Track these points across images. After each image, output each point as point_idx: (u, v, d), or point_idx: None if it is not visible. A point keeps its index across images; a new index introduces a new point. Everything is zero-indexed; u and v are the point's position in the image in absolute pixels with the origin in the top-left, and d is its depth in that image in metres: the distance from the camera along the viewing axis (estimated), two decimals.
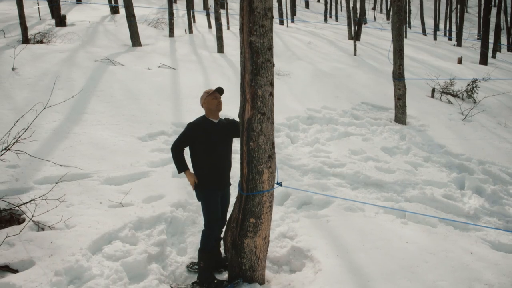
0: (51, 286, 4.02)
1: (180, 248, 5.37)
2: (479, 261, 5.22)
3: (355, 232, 5.56)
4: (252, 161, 4.25)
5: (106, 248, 4.78)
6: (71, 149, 7.11)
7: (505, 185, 7.62)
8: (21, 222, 5.13)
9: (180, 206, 5.90)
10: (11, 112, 8.11)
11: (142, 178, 6.58)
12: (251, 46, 4.00)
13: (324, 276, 4.53)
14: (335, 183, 7.18)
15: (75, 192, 5.81)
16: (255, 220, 4.39)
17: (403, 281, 4.58)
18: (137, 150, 7.42)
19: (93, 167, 6.60)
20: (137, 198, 5.88)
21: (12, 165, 6.37)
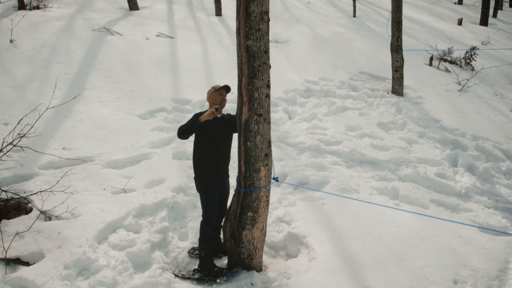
0: (62, 280, 4.22)
1: (181, 233, 5.58)
2: (467, 245, 5.46)
3: (349, 216, 5.77)
4: (250, 160, 4.38)
5: (111, 238, 4.98)
6: (72, 130, 7.21)
7: (497, 162, 7.79)
8: (29, 211, 5.30)
9: (181, 191, 6.07)
10: (12, 89, 8.15)
11: (143, 160, 6.72)
12: (247, 50, 4.04)
13: (318, 265, 4.76)
14: (331, 162, 7.33)
15: (79, 178, 5.96)
16: (252, 214, 4.57)
17: (393, 268, 4.82)
18: (138, 129, 7.52)
19: (95, 149, 6.72)
20: (139, 183, 6.05)
21: (16, 149, 6.46)
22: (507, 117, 9.52)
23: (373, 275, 4.68)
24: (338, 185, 6.61)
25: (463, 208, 6.49)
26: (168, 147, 7.12)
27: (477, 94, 10.47)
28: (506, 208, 6.71)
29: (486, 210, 6.63)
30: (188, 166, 6.66)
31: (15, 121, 7.15)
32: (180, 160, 6.85)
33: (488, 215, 6.34)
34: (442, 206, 6.50)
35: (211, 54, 10.87)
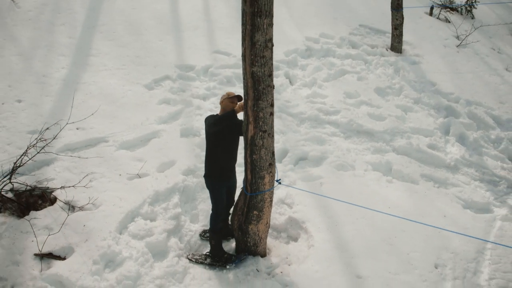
0: (92, 275, 4.80)
1: (192, 215, 6.10)
2: (451, 226, 6.02)
3: (344, 199, 6.23)
4: (255, 169, 4.77)
5: (131, 227, 5.50)
6: (83, 105, 7.47)
7: (487, 130, 8.16)
8: (53, 201, 5.75)
9: (190, 173, 6.50)
10: (19, 58, 8.30)
11: (153, 139, 7.08)
12: (253, 76, 4.28)
13: (316, 253, 5.33)
14: (330, 133, 7.70)
15: (95, 163, 6.36)
16: (258, 212, 5.05)
17: (382, 255, 5.39)
18: (145, 102, 7.79)
19: (107, 129, 7.05)
20: (152, 167, 6.46)
21: (33, 131, 6.80)
22: (502, 77, 9.71)
23: (364, 263, 5.27)
24: (336, 160, 7.03)
25: (451, 183, 6.95)
26: (175, 123, 7.44)
27: (474, 50, 10.56)
28: (491, 181, 7.20)
29: (473, 183, 7.11)
30: (196, 145, 7.03)
31: (27, 97, 7.45)
32: (187, 137, 7.21)
33: (473, 191, 6.83)
34: (432, 181, 6.97)
35: (212, 8, 10.76)
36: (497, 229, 6.18)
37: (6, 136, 6.63)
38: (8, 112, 7.07)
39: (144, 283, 4.90)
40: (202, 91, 8.30)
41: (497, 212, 6.56)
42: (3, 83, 7.66)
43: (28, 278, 4.73)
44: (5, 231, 5.29)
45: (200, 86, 8.47)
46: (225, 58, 9.25)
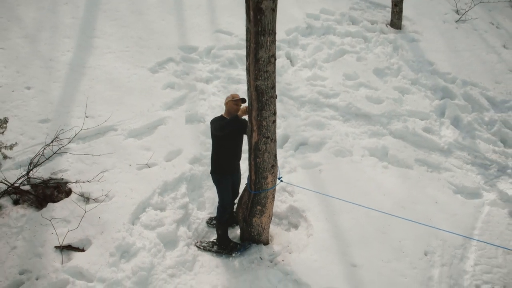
0: (110, 267, 5.20)
1: (199, 203, 6.45)
2: (441, 213, 6.38)
3: (342, 186, 6.58)
4: (259, 171, 5.07)
5: (143, 217, 5.86)
6: (91, 91, 7.67)
7: (482, 112, 8.39)
8: (68, 192, 6.08)
9: (196, 161, 6.80)
10: (25, 41, 8.43)
11: (159, 126, 7.33)
12: (257, 89, 4.50)
13: (315, 242, 5.72)
14: (329, 116, 7.94)
15: (106, 152, 6.63)
16: (261, 207, 5.39)
17: (375, 243, 5.78)
18: (150, 87, 7.98)
19: (115, 116, 7.28)
20: (159, 156, 6.75)
21: (44, 119, 7.04)
22: (499, 55, 9.82)
23: (359, 251, 5.66)
24: (334, 146, 7.32)
25: (444, 167, 7.26)
26: (180, 108, 7.66)
27: (473, 26, 10.59)
28: (483, 164, 7.51)
29: (465, 167, 7.42)
30: (200, 132, 7.29)
31: (36, 84, 7.64)
32: (192, 124, 7.46)
33: (464, 176, 7.15)
34: (425, 166, 7.28)
35: None
36: (485, 215, 6.53)
37: (19, 126, 6.86)
38: (19, 100, 7.26)
39: (158, 273, 5.29)
40: (205, 74, 8.46)
41: (486, 197, 6.90)
42: (11, 68, 7.81)
43: (51, 270, 5.11)
44: (26, 223, 5.62)
45: (203, 68, 8.61)
46: (227, 38, 9.33)
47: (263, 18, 4.03)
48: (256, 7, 3.97)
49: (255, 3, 3.95)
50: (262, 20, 4.05)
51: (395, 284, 5.34)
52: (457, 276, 5.59)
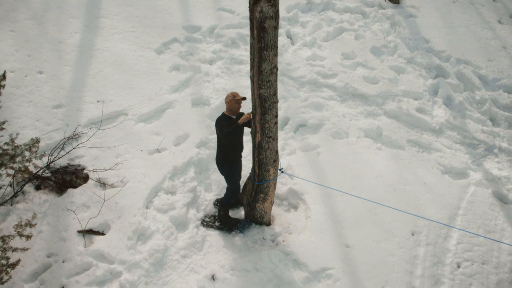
0: (128, 250, 5.73)
1: (206, 185, 6.92)
2: (429, 193, 6.86)
3: (338, 169, 7.03)
4: (262, 165, 5.50)
5: (155, 201, 6.34)
6: (100, 75, 7.95)
7: (473, 91, 8.69)
8: (86, 178, 6.53)
9: (203, 145, 7.21)
10: (33, 23, 8.59)
11: (167, 110, 7.67)
12: (260, 96, 4.84)
13: (312, 225, 6.23)
14: (327, 97, 8.26)
15: (118, 138, 7.04)
16: (264, 195, 5.86)
17: (367, 225, 6.29)
18: (157, 70, 8.25)
19: (125, 101, 7.60)
20: (168, 141, 7.13)
21: (58, 105, 7.37)
22: (493, 31, 9.97)
23: (352, 233, 6.18)
24: (332, 128, 7.69)
25: (434, 148, 7.67)
26: (186, 91, 7.96)
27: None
28: (471, 144, 7.92)
29: (454, 146, 7.82)
30: (206, 116, 7.64)
31: (47, 68, 7.92)
32: (198, 107, 7.79)
33: (453, 156, 7.56)
34: (417, 146, 7.68)
35: None
36: (470, 195, 7.01)
37: (34, 112, 7.19)
38: (32, 86, 7.55)
39: (171, 254, 5.83)
40: (209, 55, 8.68)
41: (472, 177, 7.35)
42: (22, 52, 8.03)
43: (75, 253, 5.64)
44: (49, 208, 6.10)
45: (206, 49, 8.82)
46: (230, 17, 9.46)
47: (265, 36, 4.30)
48: (259, 26, 4.23)
49: (258, 22, 4.21)
50: (265, 37, 4.32)
51: (384, 263, 5.88)
52: (441, 254, 6.13)
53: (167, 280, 5.57)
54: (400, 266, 5.88)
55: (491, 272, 6.05)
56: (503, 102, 8.59)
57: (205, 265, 5.82)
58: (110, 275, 5.49)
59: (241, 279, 5.56)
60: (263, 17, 4.15)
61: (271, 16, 4.16)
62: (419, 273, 5.87)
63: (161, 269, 5.66)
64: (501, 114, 8.39)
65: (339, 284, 5.59)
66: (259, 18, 4.15)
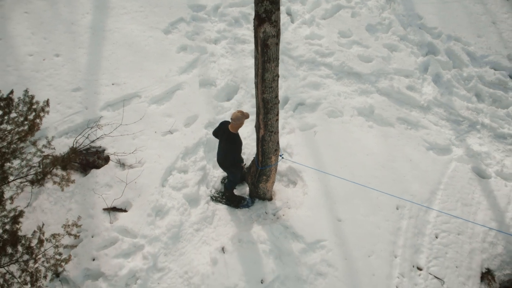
0: (148, 225, 6.44)
1: (214, 162, 7.53)
2: (414, 170, 7.48)
3: (332, 148, 7.60)
4: (265, 154, 6.09)
5: (170, 180, 6.99)
6: (113, 57, 8.37)
7: (461, 68, 9.10)
8: (107, 159, 7.12)
9: (210, 125, 7.74)
10: (45, 4, 8.89)
11: (177, 91, 8.15)
12: (263, 100, 5.35)
13: (309, 201, 6.90)
14: (324, 75, 8.71)
15: (134, 120, 7.55)
16: (266, 177, 6.49)
17: (357, 200, 6.96)
18: (166, 50, 8.64)
19: (138, 83, 8.06)
20: (179, 122, 7.66)
21: (76, 88, 7.85)
22: (485, 6, 10.19)
23: (343, 207, 6.86)
24: (328, 107, 8.20)
25: (421, 125, 8.21)
26: (194, 72, 8.40)
27: None
28: (456, 120, 8.45)
29: (440, 122, 8.35)
30: (213, 97, 8.12)
31: (63, 51, 8.34)
32: (205, 87, 8.25)
33: (438, 133, 8.10)
34: (406, 123, 8.21)
35: None
36: (451, 170, 7.63)
37: (55, 95, 7.68)
38: (51, 69, 7.99)
39: (186, 228, 6.54)
40: (214, 35, 9.01)
41: (455, 153, 7.93)
42: (38, 35, 8.40)
43: (102, 229, 6.35)
44: (75, 188, 6.75)
45: (211, 28, 9.13)
46: None
47: (268, 51, 4.75)
48: (263, 44, 4.67)
49: (262, 40, 4.65)
50: (268, 52, 4.77)
51: (371, 235, 6.61)
52: (421, 226, 6.86)
53: (183, 251, 6.31)
54: (385, 237, 6.60)
55: (465, 242, 6.79)
56: (488, 79, 9.01)
57: (215, 237, 6.53)
58: (134, 248, 6.21)
59: (247, 251, 6.29)
60: (266, 36, 4.57)
61: (273, 35, 4.58)
62: (401, 243, 6.60)
63: (178, 241, 6.38)
64: (486, 91, 8.84)
65: (331, 254, 6.32)
66: (263, 37, 4.58)
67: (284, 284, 6.06)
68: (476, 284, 6.46)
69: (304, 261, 6.25)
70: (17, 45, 8.22)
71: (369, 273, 6.24)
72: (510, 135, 8.32)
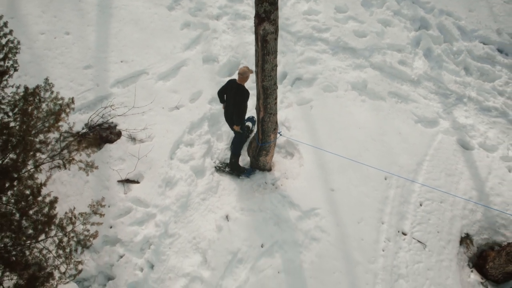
0: (159, 195, 6.90)
1: (218, 135, 7.89)
2: (402, 143, 7.86)
3: (327, 122, 7.94)
4: (264, 133, 6.46)
5: (178, 153, 7.39)
6: (121, 35, 8.59)
7: (451, 42, 9.28)
8: (119, 134, 7.48)
9: (214, 101, 8.05)
10: None
11: (182, 67, 8.40)
12: (263, 87, 5.67)
13: (305, 172, 7.33)
14: (320, 50, 8.93)
15: (142, 97, 7.87)
16: (266, 152, 6.90)
17: (349, 172, 7.38)
18: (170, 27, 8.83)
19: (145, 60, 8.31)
20: (185, 98, 7.97)
21: (87, 66, 8.11)
22: None
23: (336, 178, 7.29)
24: (324, 82, 8.48)
25: (411, 99, 8.51)
26: (197, 49, 8.63)
27: None
28: (444, 94, 8.74)
29: (429, 96, 8.63)
30: (216, 73, 8.39)
31: (73, 29, 8.53)
32: (208, 63, 8.49)
33: (426, 106, 8.41)
34: (396, 97, 8.50)
35: None
36: (437, 142, 7.99)
37: (67, 73, 7.95)
38: (62, 47, 8.21)
39: (193, 198, 7.00)
40: (216, 11, 9.15)
41: (442, 125, 8.26)
42: (48, 13, 8.56)
43: (118, 199, 6.81)
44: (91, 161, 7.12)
45: (213, 4, 9.25)
46: None
47: (267, 46, 5.02)
48: (262, 39, 4.93)
49: (262, 37, 4.90)
50: (267, 47, 5.03)
51: (361, 203, 7.08)
52: (407, 195, 7.31)
53: (191, 219, 6.79)
54: (373, 206, 7.07)
55: (447, 209, 7.25)
56: (477, 53, 9.20)
57: (220, 206, 7.00)
58: (147, 216, 6.69)
59: (249, 218, 6.78)
60: (265, 33, 4.82)
61: (272, 32, 4.83)
62: (388, 211, 7.08)
63: (186, 210, 6.85)
64: (474, 65, 9.07)
65: (324, 221, 6.81)
66: (263, 34, 4.83)
67: (282, 248, 6.56)
68: (455, 248, 6.98)
69: (300, 227, 6.74)
70: (29, 23, 8.38)
71: (358, 238, 6.74)
72: (494, 108, 8.60)
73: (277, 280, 6.29)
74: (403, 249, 6.81)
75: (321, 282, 6.32)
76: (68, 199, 6.81)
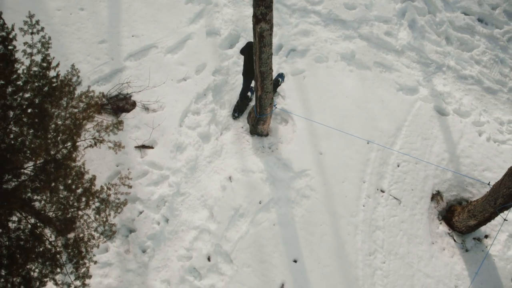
0: (172, 159, 7.53)
1: (221, 104, 8.40)
2: (384, 110, 8.37)
3: (318, 91, 8.40)
4: (261, 107, 7.01)
5: (186, 121, 7.94)
6: (131, 10, 8.88)
7: (435, 13, 9.49)
8: (134, 104, 7.96)
9: (217, 72, 8.47)
10: None
11: (187, 41, 8.72)
12: (260, 72, 6.15)
13: (297, 138, 7.90)
14: (313, 22, 9.21)
15: (153, 69, 8.29)
16: (263, 122, 7.47)
17: (335, 137, 7.96)
18: (175, 2, 9.12)
19: (154, 34, 8.66)
20: (191, 70, 8.39)
21: (102, 40, 8.46)
22: None
23: (324, 143, 7.88)
24: (315, 53, 8.81)
25: (395, 68, 8.88)
26: (201, 23, 8.93)
27: None
28: (425, 63, 9.10)
29: (411, 65, 8.98)
30: (218, 46, 8.71)
31: (86, 4, 8.76)
32: (211, 37, 8.80)
33: (408, 76, 8.78)
34: (381, 67, 8.86)
35: None
36: (416, 109, 8.45)
37: (84, 47, 8.32)
38: (78, 23, 8.50)
39: (200, 161, 7.63)
40: None
41: (421, 93, 8.68)
42: None
43: (135, 163, 7.44)
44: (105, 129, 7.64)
45: None
46: None
47: (264, 40, 5.48)
48: (259, 35, 5.36)
49: (259, 33, 5.36)
50: (263, 40, 5.49)
51: (345, 165, 7.70)
52: (386, 157, 7.90)
53: (199, 179, 7.45)
54: (356, 167, 7.69)
55: (421, 169, 7.87)
56: (458, 24, 9.40)
57: (224, 168, 7.63)
58: (161, 178, 7.35)
59: (249, 178, 7.44)
60: (262, 30, 5.23)
61: (268, 29, 5.25)
62: (369, 171, 7.70)
63: (195, 172, 7.50)
64: (454, 35, 9.32)
65: (314, 180, 7.46)
66: (260, 31, 5.24)
67: (277, 204, 7.26)
68: (427, 203, 7.66)
69: (292, 186, 7.40)
70: (45, 0, 8.56)
71: (342, 195, 7.42)
72: (471, 76, 8.96)
73: (273, 231, 7.04)
74: (381, 205, 7.48)
75: (310, 233, 7.06)
76: (93, 163, 7.42)
